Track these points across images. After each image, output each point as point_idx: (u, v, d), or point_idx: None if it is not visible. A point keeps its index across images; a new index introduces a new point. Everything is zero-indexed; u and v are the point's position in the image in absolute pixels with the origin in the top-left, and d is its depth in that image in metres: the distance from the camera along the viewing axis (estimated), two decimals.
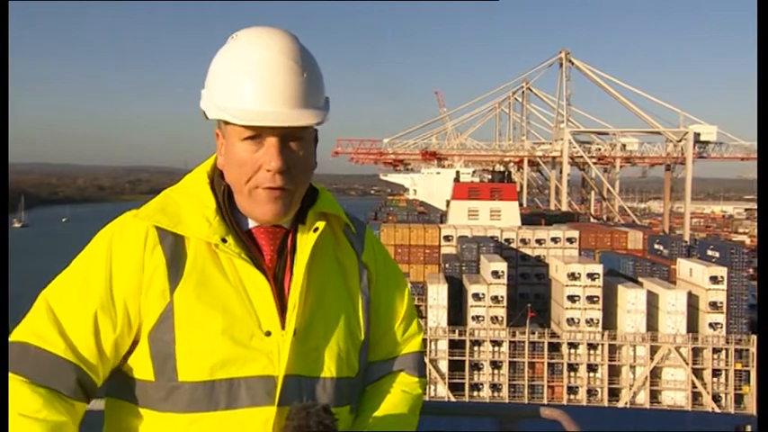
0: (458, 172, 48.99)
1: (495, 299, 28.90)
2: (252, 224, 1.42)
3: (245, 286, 1.36)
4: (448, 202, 44.15)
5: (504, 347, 28.96)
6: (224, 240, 1.35)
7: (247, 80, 1.32)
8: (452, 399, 28.35)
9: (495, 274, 29.13)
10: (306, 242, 1.42)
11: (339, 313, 1.44)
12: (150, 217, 1.37)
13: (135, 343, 1.35)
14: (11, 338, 1.32)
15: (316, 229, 1.43)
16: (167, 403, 1.32)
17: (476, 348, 29.15)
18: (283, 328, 1.36)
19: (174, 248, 1.35)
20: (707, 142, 56.40)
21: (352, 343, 1.45)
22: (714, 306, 28.23)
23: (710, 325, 28.30)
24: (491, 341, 29.06)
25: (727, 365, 28.23)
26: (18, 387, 1.26)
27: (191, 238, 1.36)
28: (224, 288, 1.35)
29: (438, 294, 28.96)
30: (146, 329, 1.33)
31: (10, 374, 1.27)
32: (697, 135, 55.32)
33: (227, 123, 1.36)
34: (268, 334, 1.35)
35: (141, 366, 1.35)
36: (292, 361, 1.35)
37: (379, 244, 1.61)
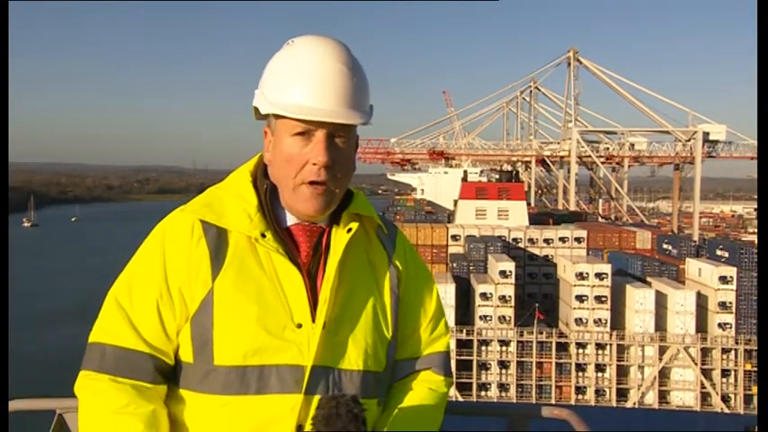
0: (465, 171, 49.03)
1: (503, 298, 28.91)
2: (290, 222, 1.50)
3: (280, 280, 1.43)
4: (455, 202, 44.15)
5: (512, 347, 28.95)
6: (263, 235, 1.43)
7: (301, 78, 1.41)
8: (460, 398, 28.33)
9: (503, 273, 29.15)
10: (339, 241, 1.49)
11: (368, 310, 1.50)
12: (196, 211, 1.47)
13: None
14: (89, 340, 1.44)
15: (350, 230, 1.50)
16: (203, 385, 1.41)
17: (483, 348, 29.16)
18: (314, 321, 1.43)
19: (217, 241, 1.44)
20: (716, 141, 56.16)
21: (380, 338, 1.51)
22: (723, 306, 28.16)
23: (720, 325, 28.21)
24: (499, 341, 29.07)
25: (736, 366, 28.13)
26: (103, 386, 1.40)
27: (232, 232, 1.45)
28: (261, 280, 1.42)
29: (445, 294, 28.80)
30: (190, 314, 1.42)
31: (95, 374, 1.40)
32: (706, 134, 55.11)
33: (277, 119, 1.44)
34: (299, 326, 1.42)
35: (183, 349, 1.44)
36: (321, 352, 1.42)
37: (410, 246, 1.67)
